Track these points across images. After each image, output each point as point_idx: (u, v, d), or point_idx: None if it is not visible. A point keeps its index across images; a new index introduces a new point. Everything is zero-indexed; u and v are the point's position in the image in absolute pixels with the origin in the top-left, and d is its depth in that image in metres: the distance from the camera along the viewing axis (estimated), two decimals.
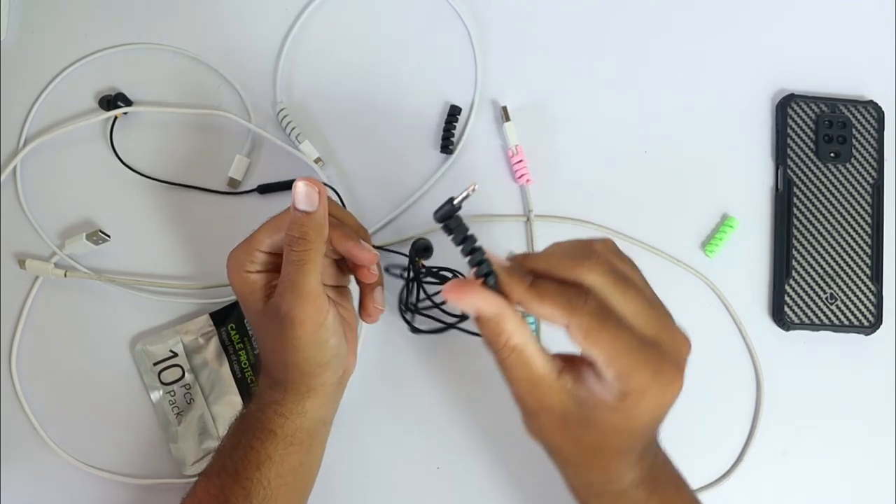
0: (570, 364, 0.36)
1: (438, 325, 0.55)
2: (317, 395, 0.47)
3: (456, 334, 0.57)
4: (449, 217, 0.33)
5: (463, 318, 0.55)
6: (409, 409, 0.57)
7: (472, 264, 0.35)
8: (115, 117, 0.57)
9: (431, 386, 0.57)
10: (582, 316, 0.33)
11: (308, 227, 0.42)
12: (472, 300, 0.34)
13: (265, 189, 0.57)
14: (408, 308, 0.54)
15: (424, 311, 0.55)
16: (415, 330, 0.55)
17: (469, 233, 0.34)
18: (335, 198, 0.57)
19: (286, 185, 0.57)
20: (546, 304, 0.34)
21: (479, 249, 0.34)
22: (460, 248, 0.34)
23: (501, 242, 0.58)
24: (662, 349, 0.35)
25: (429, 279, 0.54)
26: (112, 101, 0.57)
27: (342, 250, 0.46)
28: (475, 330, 0.52)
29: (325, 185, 0.52)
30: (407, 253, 0.55)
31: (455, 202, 0.33)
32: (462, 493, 0.57)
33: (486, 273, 0.35)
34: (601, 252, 0.35)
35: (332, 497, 0.55)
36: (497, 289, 0.35)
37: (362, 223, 0.53)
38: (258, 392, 0.48)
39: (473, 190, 0.34)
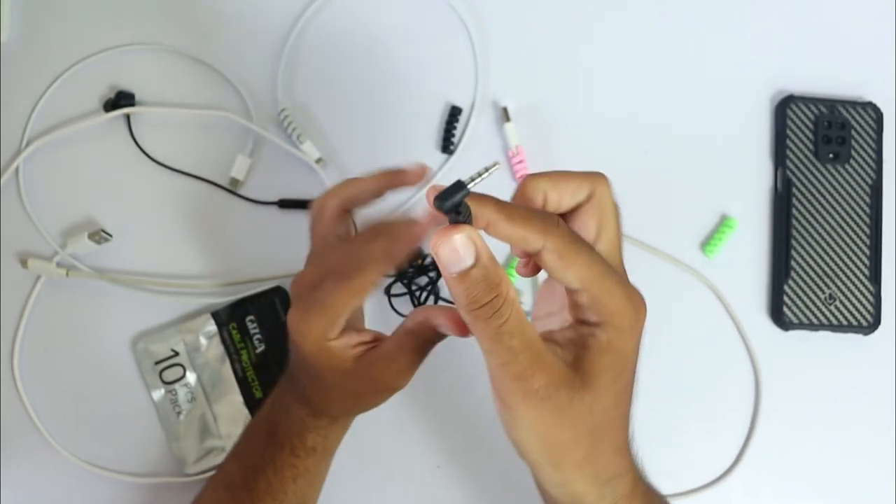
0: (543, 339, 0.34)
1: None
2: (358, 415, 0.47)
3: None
4: (456, 207, 0.29)
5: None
6: (409, 408, 0.57)
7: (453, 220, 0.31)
8: (128, 114, 0.57)
9: (431, 385, 0.57)
10: (556, 237, 0.31)
11: (443, 337, 0.39)
12: (473, 234, 0.30)
13: (286, 204, 0.57)
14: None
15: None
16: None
17: (467, 211, 0.31)
18: None
19: (307, 205, 0.57)
20: (518, 224, 0.31)
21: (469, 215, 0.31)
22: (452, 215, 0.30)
23: (502, 242, 0.58)
24: (625, 276, 0.34)
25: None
26: (115, 101, 0.57)
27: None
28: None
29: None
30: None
31: (468, 185, 0.29)
32: (462, 492, 0.57)
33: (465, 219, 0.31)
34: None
35: (332, 496, 0.55)
36: None
37: (363, 223, 0.52)
38: (292, 415, 0.45)
39: (495, 167, 0.31)
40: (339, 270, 0.38)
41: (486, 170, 0.31)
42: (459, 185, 0.29)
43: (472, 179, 0.30)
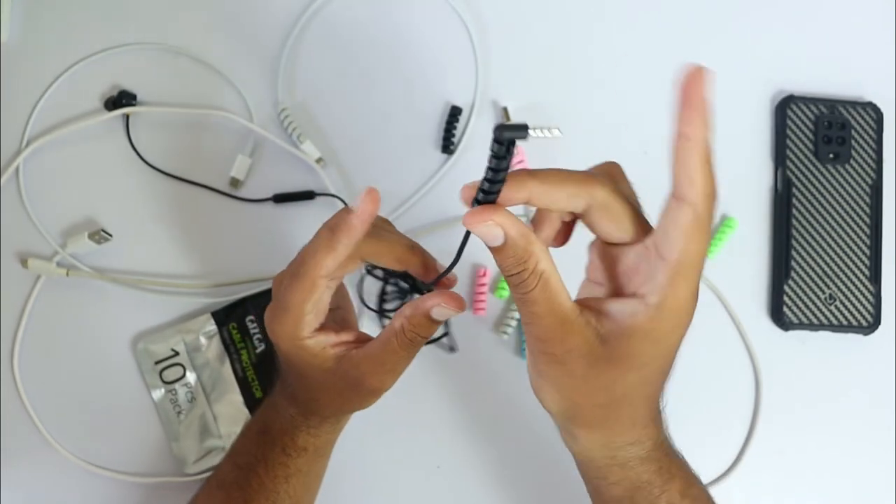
0: (585, 306, 0.34)
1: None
2: (349, 417, 0.47)
3: (457, 334, 0.57)
4: (511, 142, 0.29)
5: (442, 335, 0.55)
6: (409, 409, 0.57)
7: (486, 190, 0.31)
8: (127, 116, 0.57)
9: (432, 386, 0.57)
10: (602, 187, 0.33)
11: (433, 329, 0.39)
12: (500, 219, 0.31)
13: (281, 199, 0.57)
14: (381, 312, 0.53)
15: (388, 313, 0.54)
16: None
17: (507, 168, 0.30)
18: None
19: (301, 196, 0.57)
20: (560, 184, 0.32)
21: (503, 182, 0.31)
22: (491, 171, 0.30)
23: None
24: None
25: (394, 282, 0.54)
26: (116, 100, 0.57)
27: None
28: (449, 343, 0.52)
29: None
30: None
31: (530, 130, 0.29)
32: (462, 492, 0.57)
33: (492, 198, 0.32)
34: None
35: (333, 496, 0.55)
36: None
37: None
38: (283, 413, 0.45)
39: (557, 133, 0.31)
40: (292, 271, 0.40)
41: (549, 130, 0.31)
42: (523, 127, 0.28)
43: (534, 129, 0.29)
